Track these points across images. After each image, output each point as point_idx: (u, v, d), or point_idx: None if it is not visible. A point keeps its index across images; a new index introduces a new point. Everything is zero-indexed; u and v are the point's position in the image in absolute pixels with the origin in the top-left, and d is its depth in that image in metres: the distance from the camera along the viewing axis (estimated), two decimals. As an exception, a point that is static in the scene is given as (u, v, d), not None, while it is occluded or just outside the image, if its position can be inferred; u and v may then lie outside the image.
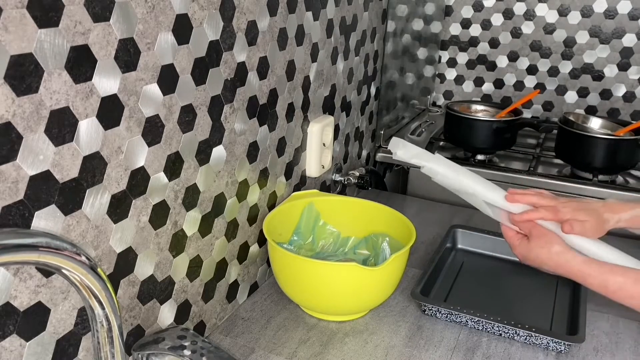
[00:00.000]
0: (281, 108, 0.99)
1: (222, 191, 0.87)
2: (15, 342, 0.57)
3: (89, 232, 0.63)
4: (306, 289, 0.91)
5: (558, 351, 0.88)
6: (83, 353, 0.65)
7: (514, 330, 0.89)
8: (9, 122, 0.52)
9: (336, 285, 0.88)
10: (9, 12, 0.50)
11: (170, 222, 0.77)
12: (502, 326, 0.90)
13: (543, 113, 1.87)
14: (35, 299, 0.58)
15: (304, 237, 1.05)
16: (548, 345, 0.88)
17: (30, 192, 0.55)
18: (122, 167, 0.66)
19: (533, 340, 0.89)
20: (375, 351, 0.88)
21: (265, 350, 0.87)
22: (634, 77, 1.73)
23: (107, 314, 0.53)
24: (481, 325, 0.92)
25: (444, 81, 1.98)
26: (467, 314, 0.92)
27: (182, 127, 0.75)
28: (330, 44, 1.13)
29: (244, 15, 0.83)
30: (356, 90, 1.32)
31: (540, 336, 0.88)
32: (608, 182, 1.39)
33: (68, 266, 0.47)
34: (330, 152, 1.18)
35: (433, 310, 0.95)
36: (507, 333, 0.90)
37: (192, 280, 0.84)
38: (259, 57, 0.89)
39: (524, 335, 0.89)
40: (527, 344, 0.90)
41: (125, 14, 0.62)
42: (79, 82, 0.58)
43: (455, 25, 1.90)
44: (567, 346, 0.87)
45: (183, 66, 0.73)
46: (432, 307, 0.95)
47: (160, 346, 0.60)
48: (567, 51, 1.78)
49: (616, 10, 1.70)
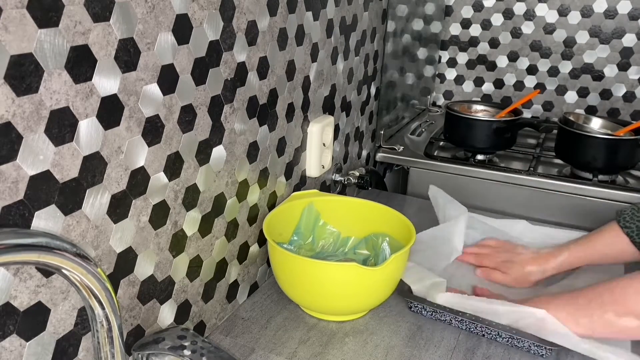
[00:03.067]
0: (281, 108, 0.99)
1: (222, 191, 0.87)
2: (15, 342, 0.57)
3: (89, 232, 0.63)
4: (306, 289, 0.91)
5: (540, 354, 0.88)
6: (83, 353, 0.65)
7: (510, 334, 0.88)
8: (9, 122, 0.52)
9: (336, 285, 0.88)
10: (9, 12, 0.50)
11: (170, 222, 0.77)
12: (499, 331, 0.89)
13: (543, 113, 1.87)
14: (35, 299, 0.58)
15: (304, 237, 1.05)
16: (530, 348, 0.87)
17: (30, 192, 0.55)
18: (122, 167, 0.66)
19: (515, 343, 0.88)
20: (375, 351, 0.88)
21: (265, 350, 0.87)
22: (634, 77, 1.73)
23: (107, 314, 0.53)
24: (479, 329, 0.91)
25: (444, 81, 1.98)
26: (451, 313, 0.91)
27: (182, 127, 0.75)
28: (330, 44, 1.13)
29: (244, 15, 0.83)
30: (356, 90, 1.32)
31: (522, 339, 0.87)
32: (608, 182, 1.39)
33: (68, 266, 0.47)
34: (330, 152, 1.18)
35: (418, 308, 0.95)
36: (504, 338, 0.89)
37: (192, 280, 0.84)
38: (259, 57, 0.89)
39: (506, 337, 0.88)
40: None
41: (125, 14, 0.62)
42: (79, 82, 0.58)
43: (455, 25, 1.90)
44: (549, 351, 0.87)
45: (183, 66, 0.73)
46: (417, 305, 0.95)
47: (160, 346, 0.60)
48: (567, 51, 1.78)
49: (616, 10, 1.70)
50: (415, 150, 1.54)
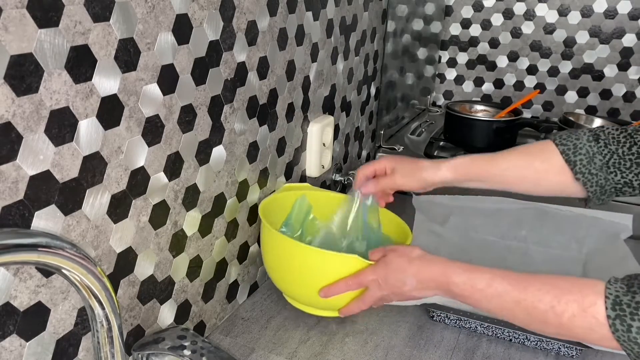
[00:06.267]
0: (281, 108, 0.99)
1: (222, 191, 0.87)
2: (15, 342, 0.57)
3: (89, 232, 0.63)
4: (300, 280, 0.88)
5: (570, 356, 0.88)
6: (83, 353, 0.65)
7: (525, 335, 0.89)
8: (9, 122, 0.52)
9: (335, 278, 0.84)
10: (9, 12, 0.49)
11: (170, 222, 0.76)
12: (512, 331, 0.89)
13: (543, 113, 1.87)
14: (35, 299, 0.58)
15: (293, 229, 1.02)
16: (559, 350, 0.87)
17: (30, 192, 0.55)
18: (122, 167, 0.66)
19: (544, 346, 0.88)
20: (375, 351, 0.88)
21: (265, 350, 0.87)
22: (634, 77, 1.73)
23: (107, 314, 0.53)
24: (506, 334, 0.91)
25: (444, 81, 1.98)
26: (478, 320, 0.91)
27: (182, 127, 0.75)
28: (330, 44, 1.13)
29: (244, 15, 0.83)
30: (356, 90, 1.32)
31: (552, 341, 0.87)
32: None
33: (68, 266, 0.47)
34: (330, 152, 1.18)
35: (442, 317, 0.94)
36: (518, 339, 0.90)
37: (192, 280, 0.84)
38: (259, 57, 0.89)
39: (534, 341, 0.89)
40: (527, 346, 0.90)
41: (125, 14, 0.62)
42: (79, 82, 0.58)
43: (455, 25, 1.90)
44: (579, 351, 0.87)
45: (183, 66, 0.73)
46: (440, 314, 0.94)
47: (160, 346, 0.60)
48: (567, 51, 1.78)
49: (616, 10, 1.70)
50: (415, 151, 1.54)
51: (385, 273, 0.79)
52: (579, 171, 0.80)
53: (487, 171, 0.86)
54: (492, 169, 0.86)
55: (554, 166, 0.82)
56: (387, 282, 0.79)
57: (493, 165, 0.86)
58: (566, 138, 0.81)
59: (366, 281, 0.81)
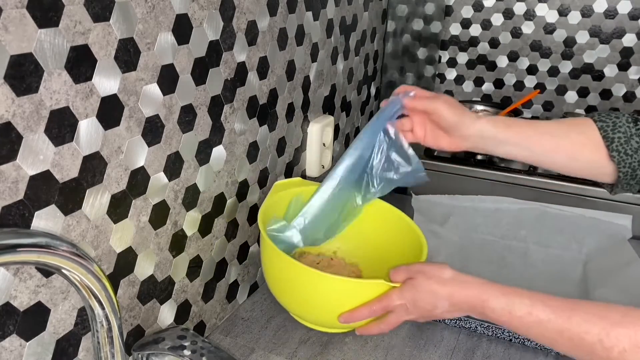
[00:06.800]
0: (281, 108, 0.99)
1: (222, 191, 0.87)
2: (15, 342, 0.57)
3: (89, 232, 0.63)
4: (312, 305, 0.83)
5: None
6: (83, 353, 0.65)
7: None
8: (9, 122, 0.52)
9: (355, 304, 0.78)
10: (9, 12, 0.49)
11: (170, 222, 0.77)
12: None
13: (543, 113, 1.87)
14: (35, 299, 0.58)
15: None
16: None
17: (30, 192, 0.55)
18: (122, 167, 0.66)
19: (544, 346, 0.88)
20: (375, 351, 0.88)
21: (265, 350, 0.87)
22: (634, 77, 1.73)
23: (107, 314, 0.53)
24: (506, 334, 0.91)
25: (444, 81, 1.98)
26: (476, 320, 0.91)
27: (182, 127, 0.75)
28: (330, 44, 1.13)
29: (244, 15, 0.83)
30: (356, 90, 1.32)
31: None
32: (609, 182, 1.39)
33: (68, 266, 0.47)
34: (330, 152, 1.18)
35: None
36: (518, 338, 0.90)
37: (192, 280, 0.84)
38: (259, 57, 0.89)
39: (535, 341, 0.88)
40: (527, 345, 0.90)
41: (125, 14, 0.62)
42: (79, 82, 0.58)
43: (455, 25, 1.90)
44: None
45: (183, 66, 0.73)
46: None
47: (160, 346, 0.60)
48: (567, 51, 1.78)
49: (616, 10, 1.70)
50: (415, 151, 1.54)
51: (413, 297, 0.74)
52: (615, 149, 0.76)
53: (524, 132, 0.81)
54: (529, 131, 0.81)
55: (591, 140, 0.78)
56: (416, 306, 0.75)
57: (531, 127, 0.81)
58: (605, 116, 0.78)
59: (392, 306, 0.76)
